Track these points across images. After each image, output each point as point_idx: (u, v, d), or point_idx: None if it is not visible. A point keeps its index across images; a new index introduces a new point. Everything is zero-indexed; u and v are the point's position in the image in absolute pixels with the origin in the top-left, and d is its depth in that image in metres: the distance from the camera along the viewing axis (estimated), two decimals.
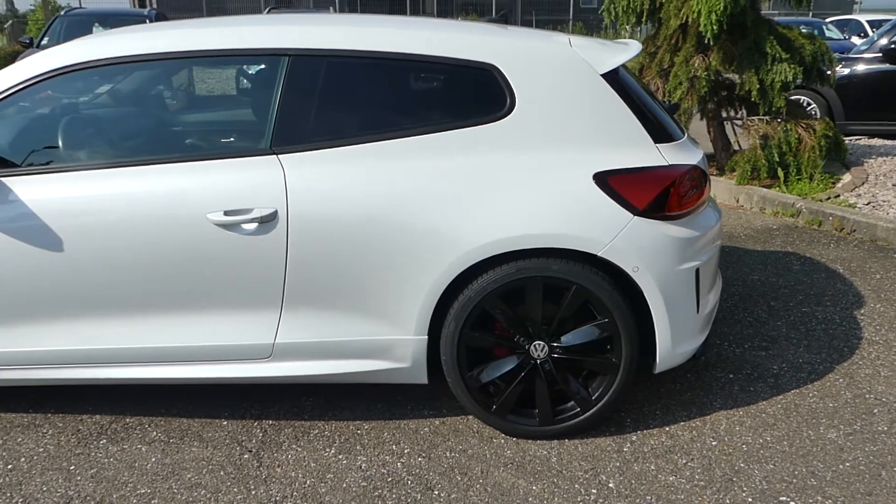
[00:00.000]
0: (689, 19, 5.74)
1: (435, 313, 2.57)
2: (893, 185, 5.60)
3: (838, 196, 5.33)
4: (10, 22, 25.77)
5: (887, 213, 4.93)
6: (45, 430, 2.79)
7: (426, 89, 2.67)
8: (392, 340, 2.62)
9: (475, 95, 2.61)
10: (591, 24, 25.11)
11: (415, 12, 27.54)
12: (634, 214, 2.50)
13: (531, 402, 2.67)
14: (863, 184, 5.64)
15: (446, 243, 2.49)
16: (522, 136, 2.56)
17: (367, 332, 2.62)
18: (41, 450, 2.68)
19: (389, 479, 2.49)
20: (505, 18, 4.12)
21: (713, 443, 2.65)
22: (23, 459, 2.62)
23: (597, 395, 2.64)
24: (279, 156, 2.55)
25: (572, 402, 2.66)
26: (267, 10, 13.24)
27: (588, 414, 2.65)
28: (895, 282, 4.09)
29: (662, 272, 2.53)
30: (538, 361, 2.61)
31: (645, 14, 6.16)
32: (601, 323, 2.56)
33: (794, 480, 2.44)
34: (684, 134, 2.84)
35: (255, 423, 2.83)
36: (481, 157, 2.54)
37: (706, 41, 5.62)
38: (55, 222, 2.52)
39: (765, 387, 3.02)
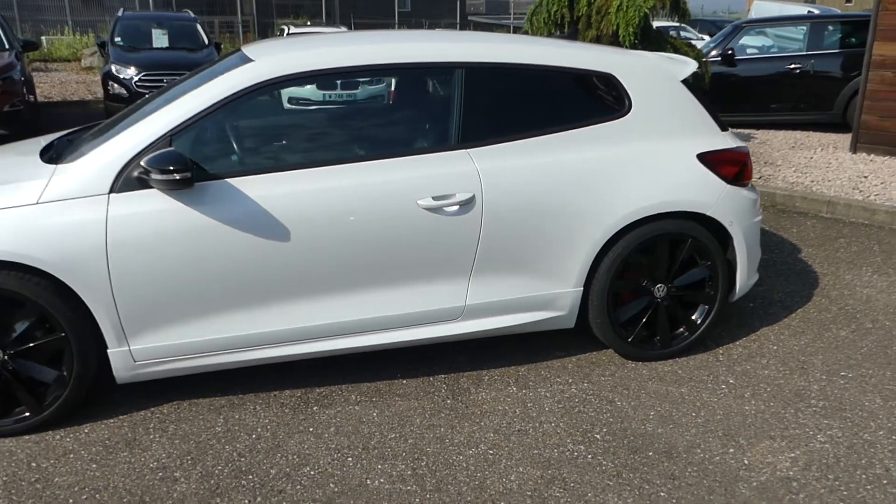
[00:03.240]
0: (608, 31, 6.84)
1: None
2: (766, 162, 7.14)
3: None
4: None
5: (777, 184, 6.37)
6: (251, 408, 3.10)
7: (567, 93, 3.34)
8: (556, 294, 3.29)
9: (604, 98, 3.35)
10: (414, 27, 26.26)
11: (233, 12, 26.88)
12: (727, 183, 3.40)
13: (651, 332, 3.48)
14: None
15: (602, 213, 3.21)
16: (641, 129, 3.35)
17: (538, 288, 3.26)
18: (266, 421, 3.00)
19: (576, 399, 3.17)
20: (574, 35, 4.84)
21: (774, 347, 3.64)
22: (259, 429, 2.94)
23: (699, 321, 3.52)
24: (467, 150, 3.11)
25: (682, 328, 3.51)
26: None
27: (694, 336, 3.51)
28: (810, 232, 5.45)
29: (745, 224, 3.46)
30: (659, 300, 3.43)
31: (566, 25, 7.18)
32: (706, 265, 3.44)
33: (840, 362, 3.49)
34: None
35: (431, 379, 3.34)
36: (617, 144, 3.29)
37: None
38: (285, 215, 2.88)
39: (779, 309, 4.09)
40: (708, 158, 3.39)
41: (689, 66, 3.65)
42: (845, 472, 2.68)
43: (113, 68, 10.63)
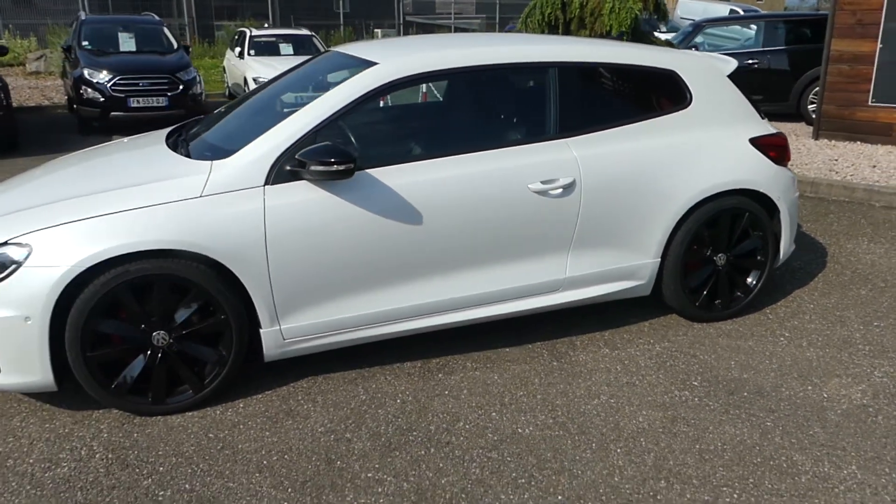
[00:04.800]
0: (602, 31, 7.36)
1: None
2: None
3: None
4: None
5: None
6: (382, 378, 3.41)
7: (640, 88, 3.78)
8: (639, 264, 3.74)
9: (669, 92, 3.81)
10: (358, 29, 26.42)
11: (170, 14, 26.30)
12: (774, 164, 3.92)
13: (712, 297, 3.97)
14: None
15: (679, 191, 3.67)
16: (701, 119, 3.83)
17: (624, 260, 3.70)
18: (402, 388, 3.32)
19: (664, 355, 3.63)
20: (621, 37, 5.27)
21: (811, 306, 4.20)
22: (401, 395, 3.26)
23: (752, 284, 4.03)
24: (565, 139, 3.52)
25: (739, 292, 4.01)
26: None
27: (749, 298, 4.02)
28: (802, 209, 6.11)
29: (788, 199, 3.99)
30: (720, 267, 3.92)
31: (560, 27, 7.66)
32: (758, 235, 3.95)
33: (870, 314, 4.07)
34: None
35: (531, 346, 3.73)
36: (684, 133, 3.76)
37: None
38: (418, 201, 3.22)
39: (803, 274, 4.67)
40: (758, 142, 3.91)
41: (731, 63, 4.16)
42: None
43: (85, 73, 10.53)
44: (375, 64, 3.33)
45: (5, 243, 2.86)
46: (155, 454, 2.84)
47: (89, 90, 10.47)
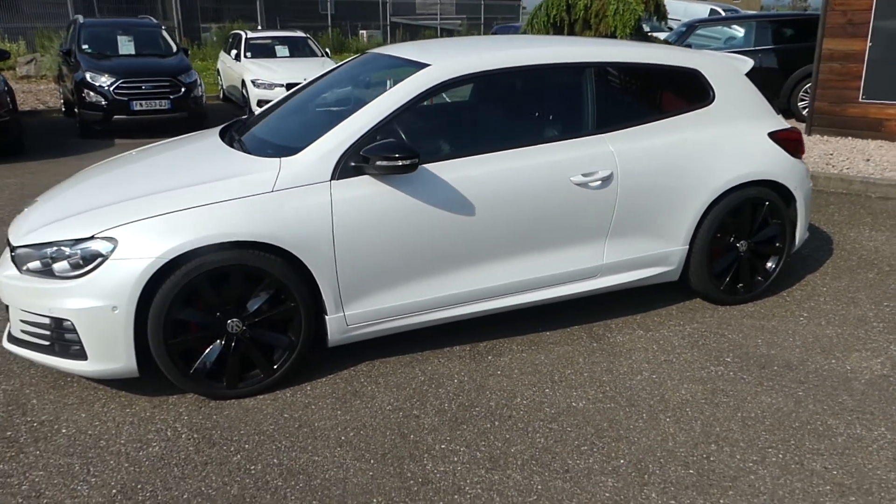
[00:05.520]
0: (606, 31, 7.63)
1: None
2: None
3: None
4: None
5: None
6: (436, 361, 3.63)
7: (668, 86, 4.04)
8: (669, 251, 3.99)
9: (694, 90, 4.07)
10: (344, 30, 26.57)
11: (154, 13, 26.23)
12: (791, 156, 4.20)
13: (734, 282, 4.24)
14: None
15: (706, 183, 3.93)
16: (724, 115, 4.10)
17: (656, 247, 3.95)
18: (457, 370, 3.54)
19: (695, 335, 3.88)
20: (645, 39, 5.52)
21: (824, 289, 4.48)
22: (457, 376, 3.48)
23: (772, 269, 4.30)
24: (602, 135, 3.76)
25: (759, 277, 4.28)
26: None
27: (768, 282, 4.30)
28: None
29: (804, 189, 4.27)
30: (742, 253, 4.19)
31: (565, 28, 7.91)
32: (776, 223, 4.22)
33: (880, 295, 4.36)
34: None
35: (569, 330, 3.97)
36: (709, 128, 4.02)
37: None
38: (472, 194, 3.44)
39: (812, 261, 4.96)
40: (776, 136, 4.18)
41: (748, 63, 4.43)
42: None
43: (87, 76, 10.57)
44: (427, 65, 3.55)
45: (92, 237, 3.05)
46: (238, 433, 3.03)
47: (91, 94, 10.51)
